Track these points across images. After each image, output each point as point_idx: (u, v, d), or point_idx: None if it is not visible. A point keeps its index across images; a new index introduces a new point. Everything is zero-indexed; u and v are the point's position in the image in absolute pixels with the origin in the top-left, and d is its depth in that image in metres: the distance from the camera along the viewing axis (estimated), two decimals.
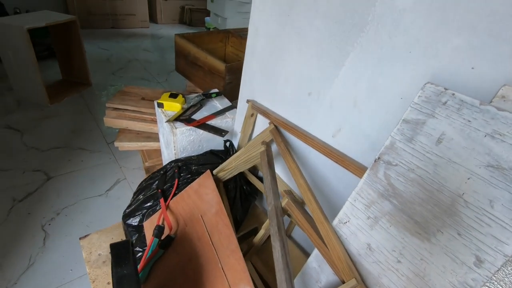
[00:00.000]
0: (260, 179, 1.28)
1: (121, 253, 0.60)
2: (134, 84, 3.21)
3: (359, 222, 0.73)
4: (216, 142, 1.45)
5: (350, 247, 0.75)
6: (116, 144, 1.93)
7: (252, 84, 1.25)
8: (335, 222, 0.78)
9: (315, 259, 0.82)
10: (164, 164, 1.73)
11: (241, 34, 2.68)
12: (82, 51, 2.83)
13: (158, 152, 1.98)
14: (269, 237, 1.09)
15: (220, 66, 2.05)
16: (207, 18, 5.22)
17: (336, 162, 0.91)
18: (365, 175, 0.73)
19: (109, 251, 0.97)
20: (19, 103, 2.57)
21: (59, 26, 2.69)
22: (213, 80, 2.19)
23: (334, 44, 0.88)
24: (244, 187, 1.20)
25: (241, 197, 1.17)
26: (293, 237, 1.27)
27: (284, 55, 1.06)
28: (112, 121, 1.91)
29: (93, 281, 0.92)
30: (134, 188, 1.91)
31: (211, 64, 2.14)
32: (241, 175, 1.23)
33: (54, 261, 1.43)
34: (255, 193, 1.27)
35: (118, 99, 1.98)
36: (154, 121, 1.94)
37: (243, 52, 2.67)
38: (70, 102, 2.73)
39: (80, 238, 1.03)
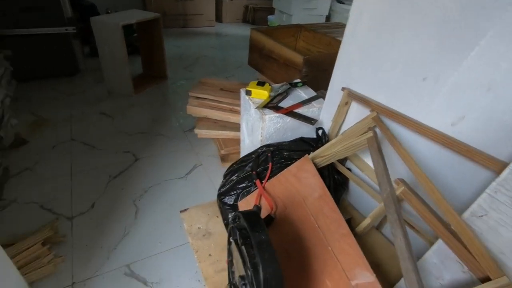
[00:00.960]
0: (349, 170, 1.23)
1: (254, 221, 0.61)
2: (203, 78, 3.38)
3: (502, 217, 0.65)
4: (300, 131, 1.44)
5: (488, 244, 0.67)
6: (196, 131, 2.04)
7: (349, 71, 1.21)
8: (466, 215, 0.71)
9: (436, 254, 0.75)
10: (242, 152, 1.78)
11: (314, 29, 2.64)
12: (162, 47, 3.06)
13: (233, 141, 2.05)
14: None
15: (297, 58, 2.04)
16: (270, 17, 5.27)
17: (458, 153, 0.83)
18: None
19: (207, 225, 1.02)
20: (109, 92, 2.87)
21: (144, 24, 2.94)
22: (288, 73, 2.20)
23: (466, 22, 0.80)
24: (336, 177, 1.17)
25: (333, 186, 1.14)
26: (384, 233, 1.20)
27: (393, 38, 1.00)
28: (193, 109, 2.02)
29: (196, 251, 0.98)
30: (210, 174, 2.00)
31: (287, 56, 2.15)
32: (331, 164, 1.20)
33: (145, 234, 1.56)
34: (345, 184, 1.23)
35: (198, 89, 2.10)
36: (231, 111, 2.00)
37: (316, 46, 2.63)
38: (150, 93, 2.97)
39: (180, 211, 1.11)
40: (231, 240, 0.80)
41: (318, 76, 2.10)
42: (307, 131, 1.46)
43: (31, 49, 2.71)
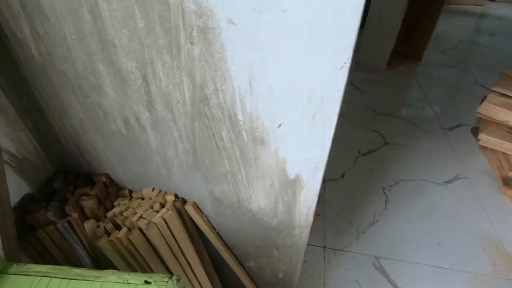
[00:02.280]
0: None
1: None
2: (467, 68, 2.70)
3: None
4: None
5: None
6: (481, 136, 1.59)
7: None
8: None
9: None
10: None
11: None
12: (434, 24, 2.59)
13: None
14: None
15: None
16: None
17: None
18: None
19: None
20: (358, 64, 2.78)
21: None
22: None
23: None
24: None
25: None
26: None
27: None
28: (492, 108, 1.55)
29: None
30: (481, 195, 1.54)
31: None
32: None
33: (396, 231, 1.38)
34: None
35: (506, 85, 1.58)
36: None
37: None
38: (400, 73, 2.66)
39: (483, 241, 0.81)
40: None
41: None
42: None
43: None
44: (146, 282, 0.49)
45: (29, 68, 0.59)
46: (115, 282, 0.49)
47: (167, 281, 0.50)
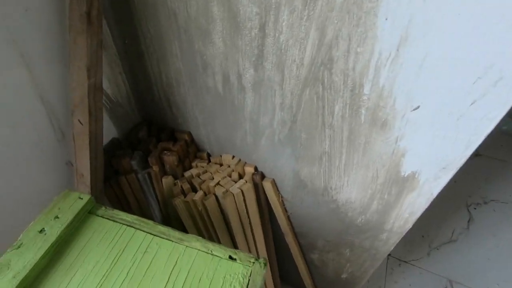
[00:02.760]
0: None
1: None
2: None
3: None
4: None
5: None
6: None
7: None
8: None
9: None
10: None
11: None
12: None
13: None
14: None
15: None
16: None
17: None
18: None
19: None
20: None
21: None
22: None
23: None
24: None
25: None
26: None
27: None
28: None
29: None
30: None
31: None
32: None
33: (476, 256, 1.19)
34: None
35: None
36: None
37: None
38: None
39: None
40: None
41: None
42: None
43: None
44: (231, 257, 0.44)
45: (140, 4, 0.55)
46: (199, 250, 0.45)
47: (253, 263, 0.44)
